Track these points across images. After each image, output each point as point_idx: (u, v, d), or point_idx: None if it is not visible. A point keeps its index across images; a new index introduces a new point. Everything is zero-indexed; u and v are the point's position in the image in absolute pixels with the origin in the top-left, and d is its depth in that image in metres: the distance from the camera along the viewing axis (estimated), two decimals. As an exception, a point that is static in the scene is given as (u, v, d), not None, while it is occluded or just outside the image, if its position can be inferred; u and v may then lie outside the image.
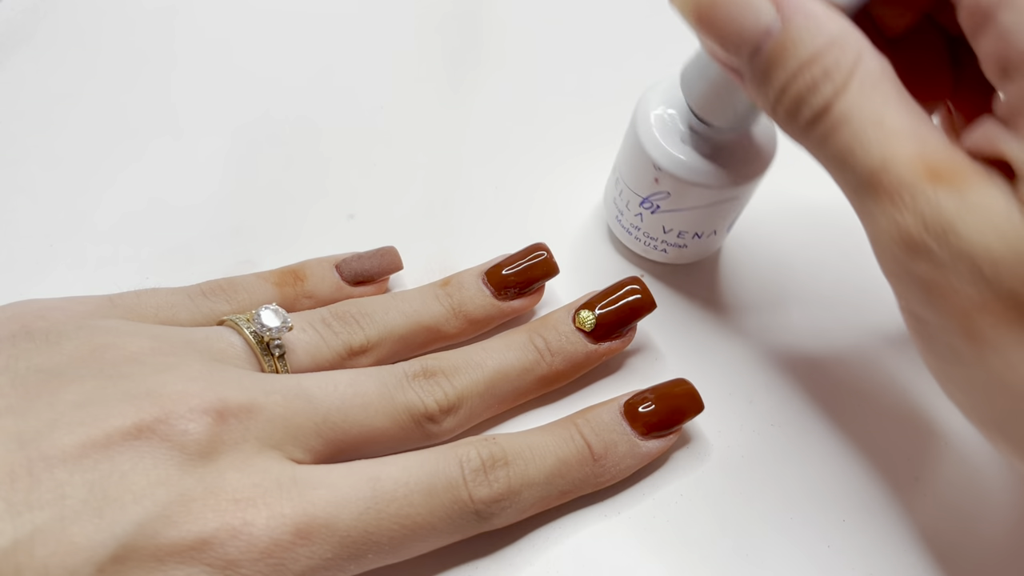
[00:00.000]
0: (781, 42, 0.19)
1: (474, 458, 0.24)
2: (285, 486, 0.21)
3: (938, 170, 0.18)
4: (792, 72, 0.19)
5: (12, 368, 0.20)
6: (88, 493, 0.19)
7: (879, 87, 0.19)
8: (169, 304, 0.26)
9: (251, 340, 0.24)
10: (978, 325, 0.17)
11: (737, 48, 0.20)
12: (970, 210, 0.17)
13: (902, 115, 0.19)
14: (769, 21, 0.19)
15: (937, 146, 0.18)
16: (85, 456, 0.19)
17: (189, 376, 0.22)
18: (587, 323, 0.28)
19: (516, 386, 0.27)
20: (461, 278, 0.30)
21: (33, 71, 0.39)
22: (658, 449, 0.26)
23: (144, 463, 0.19)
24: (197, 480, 0.20)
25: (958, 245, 0.17)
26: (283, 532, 0.20)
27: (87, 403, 0.20)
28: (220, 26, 0.42)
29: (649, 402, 0.26)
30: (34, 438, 0.19)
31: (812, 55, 0.19)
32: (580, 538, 0.26)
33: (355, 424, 0.24)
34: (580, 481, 0.25)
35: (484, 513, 0.23)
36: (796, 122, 0.20)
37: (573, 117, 0.39)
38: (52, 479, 0.18)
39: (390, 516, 0.22)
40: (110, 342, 0.22)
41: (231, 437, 0.21)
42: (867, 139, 0.18)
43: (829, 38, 0.19)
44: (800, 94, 0.19)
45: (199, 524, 0.19)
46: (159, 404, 0.20)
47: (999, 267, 0.17)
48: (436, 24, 0.42)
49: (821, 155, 0.20)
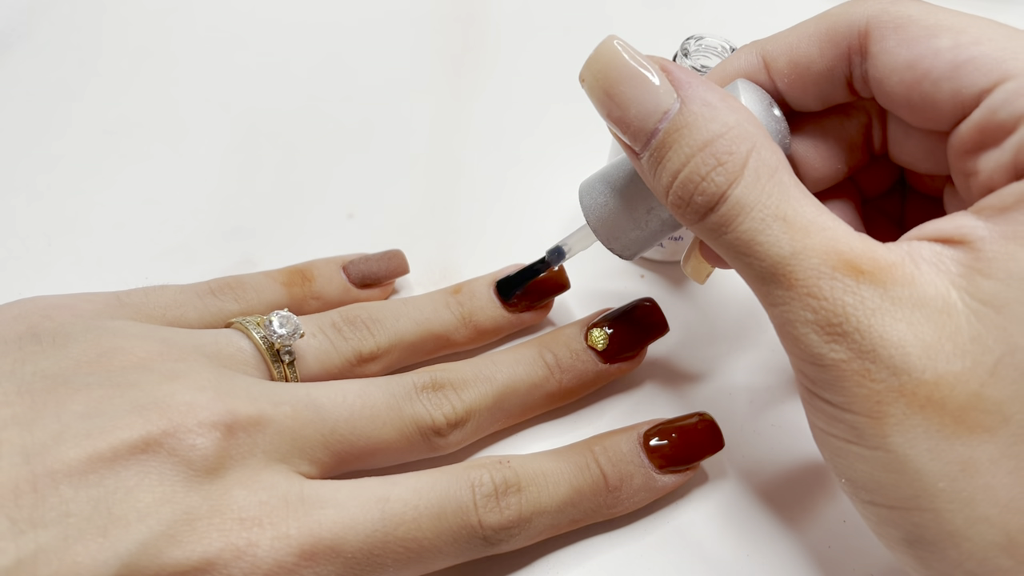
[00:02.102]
0: (676, 125, 0.20)
1: (487, 483, 0.23)
2: (292, 504, 0.21)
3: (857, 265, 0.18)
4: (685, 157, 0.20)
5: (18, 374, 0.20)
6: (93, 511, 0.18)
7: (775, 178, 0.19)
8: (177, 303, 0.26)
9: (261, 346, 0.24)
10: (887, 410, 0.18)
11: (636, 129, 0.21)
12: (894, 302, 0.18)
13: (804, 206, 0.19)
14: (668, 104, 0.20)
15: (851, 240, 0.19)
16: (91, 471, 0.19)
17: (198, 385, 0.21)
18: (599, 342, 0.28)
19: (524, 401, 0.27)
20: (472, 287, 0.29)
21: (32, 70, 0.39)
22: (673, 483, 0.26)
23: (150, 479, 0.19)
24: (203, 498, 0.20)
25: (881, 334, 0.18)
26: (288, 554, 0.20)
27: (94, 414, 0.20)
28: (220, 26, 0.42)
29: (669, 436, 0.26)
30: (39, 452, 0.19)
31: (705, 141, 0.20)
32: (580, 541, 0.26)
33: (362, 436, 0.23)
34: (592, 511, 0.25)
35: (492, 539, 0.23)
36: (689, 207, 0.20)
37: (573, 117, 0.39)
38: (57, 496, 0.18)
39: (397, 540, 0.21)
40: (118, 346, 0.22)
41: (239, 452, 0.21)
42: (770, 231, 0.19)
43: (723, 127, 0.20)
44: (692, 179, 0.20)
45: (203, 544, 0.19)
46: (167, 416, 0.20)
47: (919, 358, 0.17)
48: (437, 25, 0.43)
49: (718, 244, 0.20)
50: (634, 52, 0.21)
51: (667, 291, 0.33)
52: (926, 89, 0.19)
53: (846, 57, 0.21)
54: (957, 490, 0.17)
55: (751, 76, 0.23)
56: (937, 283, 0.18)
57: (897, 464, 0.18)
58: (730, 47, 0.28)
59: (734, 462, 0.28)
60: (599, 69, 0.21)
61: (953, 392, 0.17)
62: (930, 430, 0.18)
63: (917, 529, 0.18)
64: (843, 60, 0.21)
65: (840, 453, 0.20)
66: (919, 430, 0.18)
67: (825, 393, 0.19)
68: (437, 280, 0.32)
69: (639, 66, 0.20)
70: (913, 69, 0.19)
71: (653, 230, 0.24)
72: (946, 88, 0.19)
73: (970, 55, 0.19)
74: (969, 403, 0.17)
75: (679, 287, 0.33)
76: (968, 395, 0.17)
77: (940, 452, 0.18)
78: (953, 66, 0.19)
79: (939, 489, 0.18)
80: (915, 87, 0.20)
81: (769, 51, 0.22)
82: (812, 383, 0.20)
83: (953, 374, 0.17)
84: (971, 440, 0.17)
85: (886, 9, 0.20)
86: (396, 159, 0.37)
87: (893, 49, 0.20)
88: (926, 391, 0.18)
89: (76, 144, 0.36)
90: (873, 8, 0.20)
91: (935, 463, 0.18)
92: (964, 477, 0.17)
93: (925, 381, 0.17)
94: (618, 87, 0.21)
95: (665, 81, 0.20)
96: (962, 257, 0.18)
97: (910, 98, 0.20)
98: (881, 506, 0.19)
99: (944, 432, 0.17)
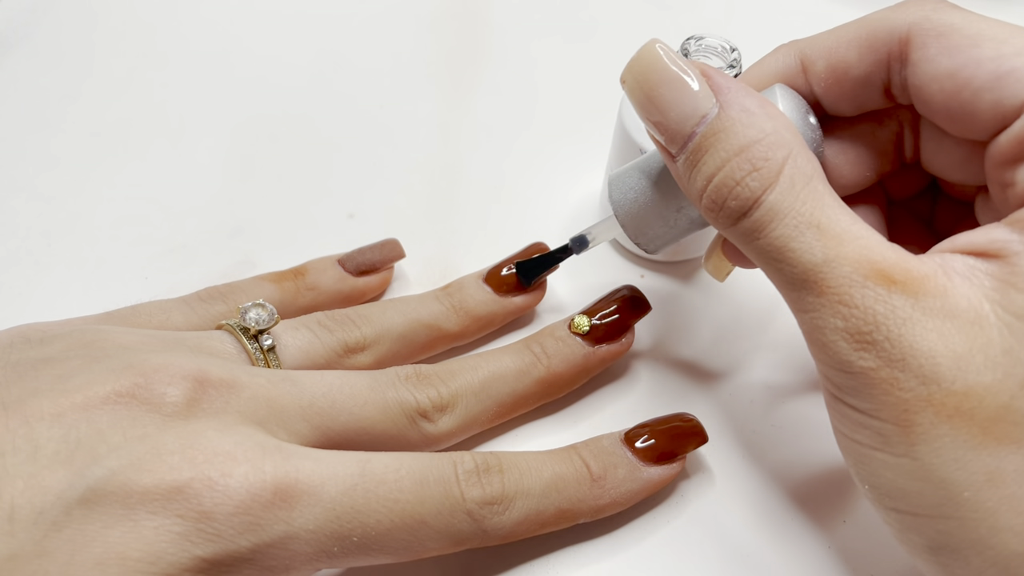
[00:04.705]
0: (713, 130, 0.20)
1: (468, 461, 0.23)
2: (269, 449, 0.20)
3: (890, 274, 0.18)
4: (721, 161, 0.20)
5: (5, 358, 0.21)
6: (63, 445, 0.19)
7: (810, 185, 0.20)
8: (163, 310, 0.26)
9: (240, 335, 0.24)
10: (916, 418, 0.18)
11: (673, 132, 0.21)
12: (925, 312, 0.18)
13: (839, 215, 0.19)
14: (706, 108, 0.20)
15: (884, 250, 0.19)
16: (64, 416, 0.19)
17: (174, 354, 0.22)
18: (582, 326, 0.28)
19: (514, 388, 0.27)
20: (461, 280, 0.30)
21: (32, 70, 0.39)
22: (660, 476, 0.26)
23: (122, 422, 0.20)
24: (175, 436, 0.20)
25: (911, 344, 0.18)
26: (262, 488, 0.19)
27: (70, 375, 0.20)
28: (220, 26, 0.42)
29: (649, 431, 0.26)
30: (15, 403, 0.19)
31: (741, 146, 0.20)
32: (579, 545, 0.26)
33: (343, 411, 0.23)
34: (578, 500, 0.25)
35: (476, 515, 0.23)
36: (722, 211, 0.20)
37: (573, 117, 0.39)
38: (29, 433, 0.19)
39: (379, 498, 0.21)
40: (101, 336, 0.22)
41: (212, 406, 0.21)
42: (803, 238, 0.19)
43: (760, 132, 0.20)
44: (726, 184, 0.20)
45: (173, 473, 0.19)
46: (141, 373, 0.21)
47: (949, 368, 0.18)
48: (436, 24, 0.43)
49: (750, 248, 0.20)
50: (675, 56, 0.21)
51: (667, 291, 0.33)
52: (966, 98, 0.19)
53: (885, 63, 0.21)
54: (982, 500, 0.18)
55: (788, 78, 0.23)
56: (970, 295, 0.18)
57: (923, 472, 0.18)
58: (730, 47, 0.28)
59: (733, 463, 0.28)
60: (640, 71, 0.21)
61: (982, 403, 0.18)
62: (957, 440, 0.18)
63: (941, 536, 0.19)
64: (882, 66, 0.21)
65: (864, 459, 0.20)
66: (946, 440, 0.18)
67: (852, 400, 0.19)
68: (437, 280, 0.32)
69: (679, 70, 0.21)
70: (954, 78, 0.20)
71: (681, 228, 0.25)
72: (987, 98, 0.19)
73: (1012, 66, 0.19)
74: (998, 415, 0.17)
75: (679, 288, 0.33)
76: (997, 407, 0.17)
77: (967, 462, 0.18)
78: (995, 76, 0.19)
79: (964, 498, 0.18)
80: (955, 96, 0.20)
81: (807, 54, 0.23)
82: (838, 389, 0.20)
83: (983, 385, 0.18)
84: (998, 451, 0.18)
85: (928, 16, 0.20)
86: (396, 159, 0.37)
87: (935, 57, 0.20)
88: (955, 401, 0.18)
89: (76, 144, 0.36)
90: (915, 15, 0.20)
91: (961, 473, 0.18)
92: (989, 487, 0.18)
93: (954, 391, 0.18)
94: (658, 90, 0.21)
95: (705, 86, 0.20)
96: (996, 270, 0.18)
97: (950, 107, 0.20)
98: (905, 513, 0.19)
99: (972, 442, 0.18)
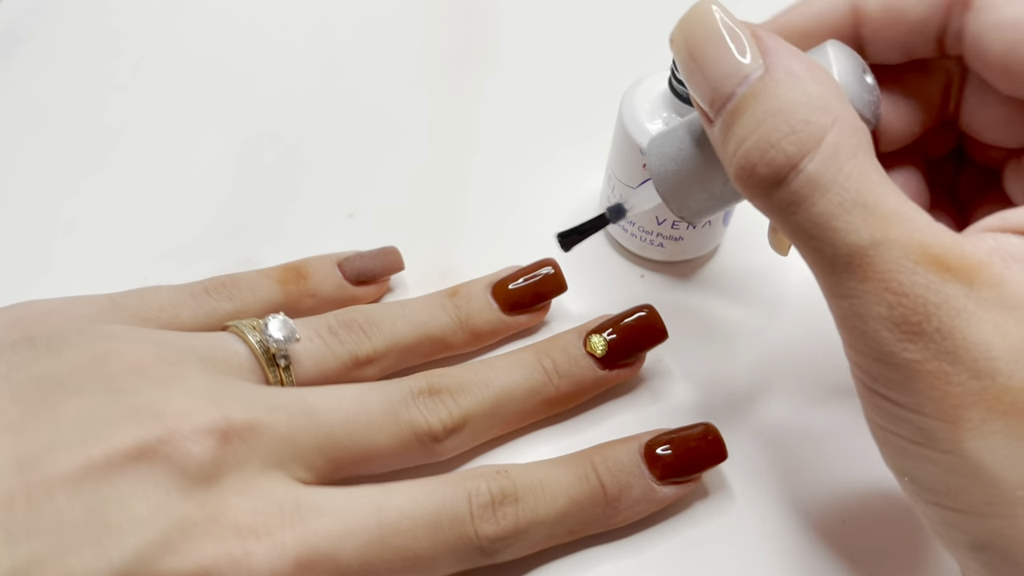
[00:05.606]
0: (754, 91, 0.18)
1: (484, 492, 0.23)
2: (288, 512, 0.21)
3: (944, 261, 0.17)
4: (756, 122, 0.18)
5: (12, 379, 0.20)
6: (87, 519, 0.18)
7: (856, 158, 0.18)
8: (172, 304, 0.26)
9: (257, 350, 0.24)
10: (965, 414, 0.17)
11: (712, 91, 0.19)
12: (980, 303, 0.17)
13: (887, 193, 0.18)
14: (751, 69, 0.19)
15: (936, 233, 0.17)
16: (85, 479, 0.19)
17: (193, 391, 0.21)
18: (598, 348, 0.27)
19: (522, 407, 0.27)
20: (469, 290, 0.29)
21: (32, 71, 0.39)
22: (674, 495, 0.25)
23: (145, 487, 0.19)
24: (198, 506, 0.20)
25: (965, 336, 0.17)
26: (284, 563, 0.20)
27: (88, 421, 0.20)
28: (221, 25, 0.42)
29: (671, 447, 0.25)
30: (33, 460, 0.19)
31: (780, 108, 0.18)
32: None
33: (359, 442, 0.23)
34: (590, 521, 0.25)
35: (489, 550, 0.23)
36: (751, 178, 0.19)
37: (574, 116, 0.39)
38: (51, 504, 0.18)
39: (393, 549, 0.21)
40: (112, 350, 0.22)
41: (234, 458, 0.21)
42: (848, 217, 0.17)
43: (804, 95, 0.18)
44: (759, 146, 0.18)
45: (198, 553, 0.19)
46: (162, 423, 0.20)
47: (1007, 362, 0.17)
48: (436, 24, 0.43)
49: (787, 224, 0.19)
50: (727, 15, 0.19)
51: (667, 292, 0.32)
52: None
53: (946, 7, 0.20)
54: None
55: (835, 19, 0.21)
56: None
57: (971, 470, 0.17)
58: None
59: (733, 463, 0.28)
60: (688, 27, 0.20)
61: None
62: (1011, 436, 0.17)
63: (987, 535, 0.18)
64: (942, 9, 0.20)
65: (904, 453, 0.19)
66: (999, 436, 0.17)
67: (890, 392, 0.18)
68: (436, 281, 0.32)
69: (726, 29, 0.19)
70: (1016, 28, 0.18)
71: (726, 198, 0.23)
72: None
73: None
74: None
75: (679, 288, 0.33)
76: None
77: (1020, 459, 0.17)
78: None
79: (1018, 497, 0.17)
80: (1016, 48, 0.18)
81: None
82: (874, 381, 0.19)
83: None
84: None
85: None
86: (396, 159, 0.37)
87: (1000, 4, 0.19)
88: (1011, 397, 0.17)
89: (76, 144, 0.36)
90: None
91: (1014, 471, 0.17)
92: None
93: (1011, 387, 0.17)
94: (703, 47, 0.19)
95: (754, 46, 0.19)
96: None
97: (1006, 60, 0.19)
98: (948, 509, 0.18)
99: None
